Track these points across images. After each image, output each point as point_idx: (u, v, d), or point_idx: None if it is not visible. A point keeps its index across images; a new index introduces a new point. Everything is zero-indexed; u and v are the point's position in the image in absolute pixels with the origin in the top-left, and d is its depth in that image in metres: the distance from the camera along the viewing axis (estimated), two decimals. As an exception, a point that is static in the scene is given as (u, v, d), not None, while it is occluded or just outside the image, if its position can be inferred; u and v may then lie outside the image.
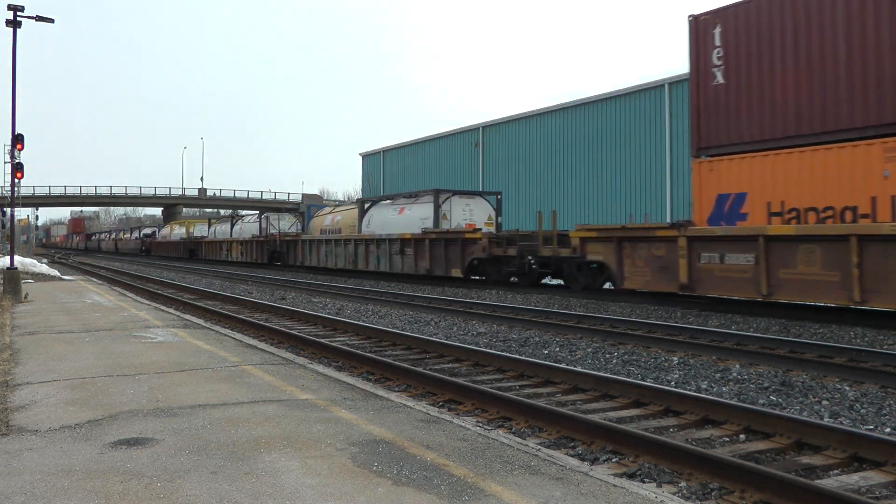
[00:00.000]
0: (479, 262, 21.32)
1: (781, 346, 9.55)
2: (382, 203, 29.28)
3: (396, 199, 28.23)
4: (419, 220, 24.88)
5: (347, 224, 31.02)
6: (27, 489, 3.85)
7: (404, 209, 26.43)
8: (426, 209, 25.06)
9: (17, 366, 7.71)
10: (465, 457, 4.43)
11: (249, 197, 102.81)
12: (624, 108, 33.12)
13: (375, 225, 27.83)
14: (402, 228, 25.20)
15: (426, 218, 24.65)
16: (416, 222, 24.96)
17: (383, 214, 27.82)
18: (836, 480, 4.51)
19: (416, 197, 26.62)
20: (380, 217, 27.96)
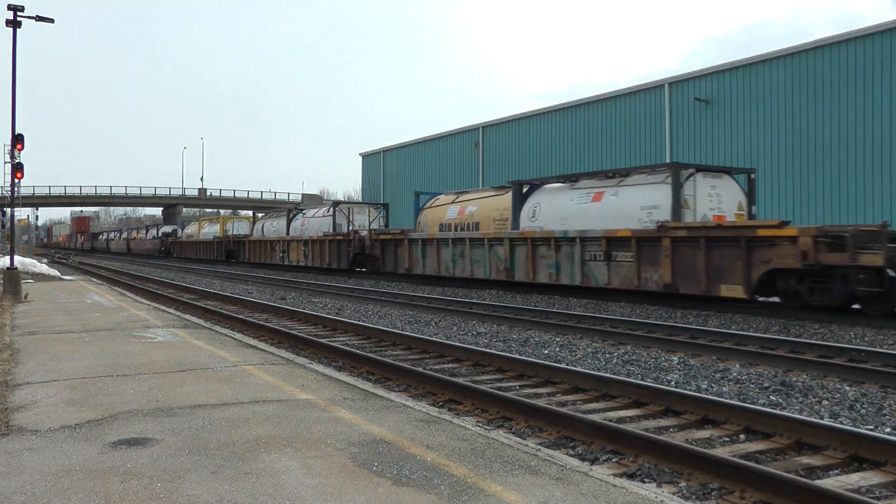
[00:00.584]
0: (783, 274, 12.89)
1: (781, 346, 9.55)
2: (553, 186, 20.20)
3: (578, 179, 19.43)
4: (638, 210, 16.79)
5: (490, 217, 22.56)
6: (27, 489, 3.85)
7: (604, 194, 18.00)
8: (653, 194, 16.70)
9: (17, 366, 7.71)
10: (465, 457, 4.43)
11: (249, 197, 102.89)
12: (624, 108, 33.13)
13: (546, 217, 19.20)
14: (604, 222, 17.14)
15: (654, 206, 16.48)
16: (630, 212, 16.89)
17: (560, 202, 19.14)
18: (836, 480, 4.50)
19: (624, 176, 18.10)
20: (554, 205, 19.22)
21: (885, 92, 23.52)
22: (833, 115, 25.05)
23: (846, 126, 24.57)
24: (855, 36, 24.57)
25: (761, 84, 27.42)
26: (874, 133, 23.66)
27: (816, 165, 25.49)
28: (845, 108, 24.68)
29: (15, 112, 17.61)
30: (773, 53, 27.28)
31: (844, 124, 24.63)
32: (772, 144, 26.79)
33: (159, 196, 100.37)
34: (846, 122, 24.59)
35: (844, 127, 24.61)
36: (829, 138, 24.95)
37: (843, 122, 24.67)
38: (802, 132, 25.95)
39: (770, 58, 27.27)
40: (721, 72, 29.04)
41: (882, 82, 23.61)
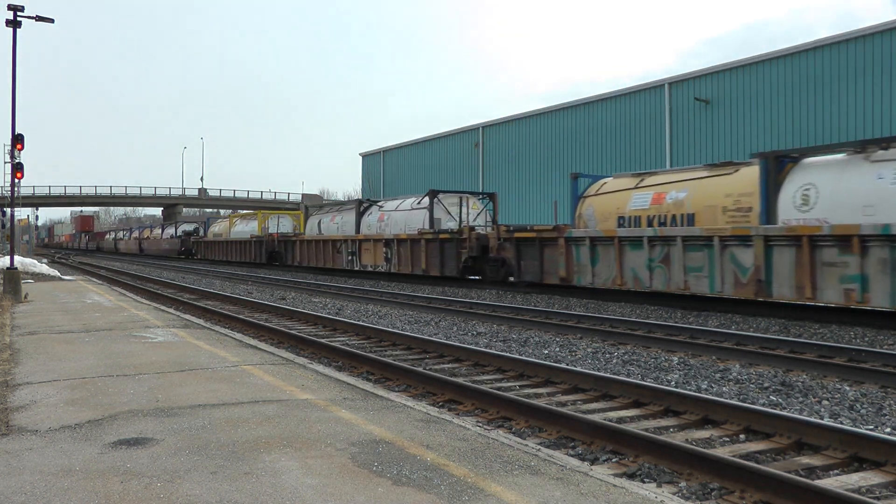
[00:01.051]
0: None
1: (781, 346, 9.55)
2: (833, 159, 13.14)
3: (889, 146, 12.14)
4: None
5: (714, 205, 14.90)
6: (27, 489, 3.85)
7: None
8: None
9: (17, 366, 7.71)
10: (465, 457, 4.43)
11: (249, 197, 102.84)
12: (624, 108, 33.13)
13: (831, 205, 12.45)
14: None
15: None
16: None
17: (856, 181, 12.21)
18: (835, 480, 4.50)
19: None
20: (845, 186, 12.36)
21: (885, 92, 23.52)
22: (833, 114, 25.05)
23: (846, 125, 24.56)
24: (855, 36, 24.58)
25: (761, 84, 27.42)
26: (874, 132, 23.65)
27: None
28: (845, 108, 24.68)
29: (15, 112, 17.61)
30: (773, 53, 27.29)
31: (844, 124, 24.63)
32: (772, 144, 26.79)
33: (159, 196, 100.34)
34: (846, 121, 24.59)
35: (844, 126, 24.61)
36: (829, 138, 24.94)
37: (843, 122, 24.67)
38: (802, 132, 25.95)
39: (770, 58, 27.27)
40: (721, 72, 29.04)
41: (882, 82, 23.61)
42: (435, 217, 24.70)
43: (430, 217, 24.69)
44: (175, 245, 54.71)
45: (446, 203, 25.07)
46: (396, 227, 26.24)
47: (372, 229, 28.03)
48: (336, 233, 30.73)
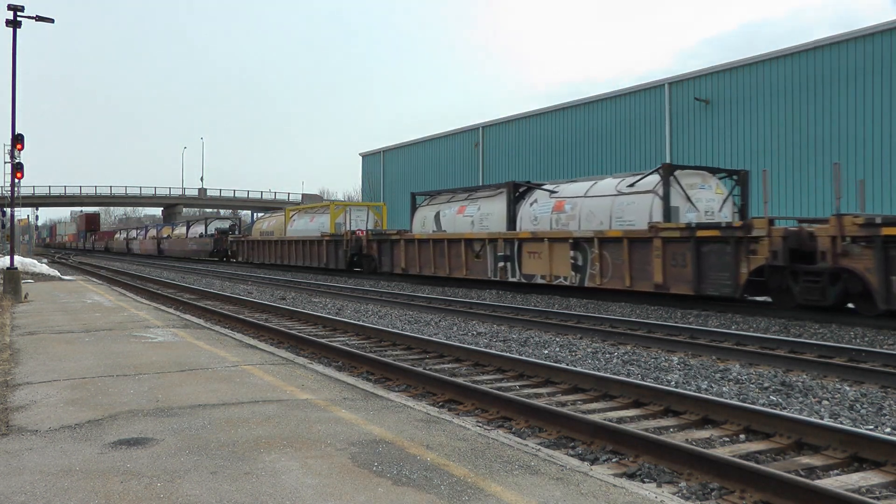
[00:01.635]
0: None
1: (781, 346, 9.55)
2: None
3: None
4: None
5: None
6: (27, 489, 3.85)
7: None
8: None
9: (17, 366, 7.71)
10: (465, 457, 4.43)
11: (249, 197, 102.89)
12: (624, 108, 33.13)
13: None
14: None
15: None
16: None
17: None
18: (835, 480, 4.50)
19: None
20: None
21: (884, 92, 23.52)
22: (833, 114, 25.05)
23: (846, 125, 24.57)
24: (855, 36, 24.57)
25: (761, 84, 27.42)
26: (874, 132, 23.66)
27: (816, 165, 25.46)
28: (845, 108, 24.68)
29: (15, 112, 17.62)
30: (773, 53, 27.29)
31: (844, 124, 24.63)
32: (772, 144, 26.79)
33: (159, 196, 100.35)
34: (846, 121, 24.59)
35: (844, 126, 24.61)
36: (830, 138, 24.95)
37: (844, 122, 24.67)
38: (802, 132, 25.95)
39: (770, 58, 27.27)
40: (721, 72, 29.04)
41: (882, 82, 23.61)
42: (672, 205, 16.15)
43: (665, 206, 16.02)
44: (205, 245, 47.27)
45: (685, 184, 16.42)
46: (591, 221, 17.74)
47: (540, 224, 19.26)
48: (470, 229, 21.77)
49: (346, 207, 33.31)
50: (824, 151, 25.16)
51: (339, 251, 28.80)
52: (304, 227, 34.83)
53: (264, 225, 41.35)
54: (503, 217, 20.71)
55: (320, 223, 33.57)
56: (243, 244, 40.60)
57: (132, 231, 77.27)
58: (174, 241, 56.11)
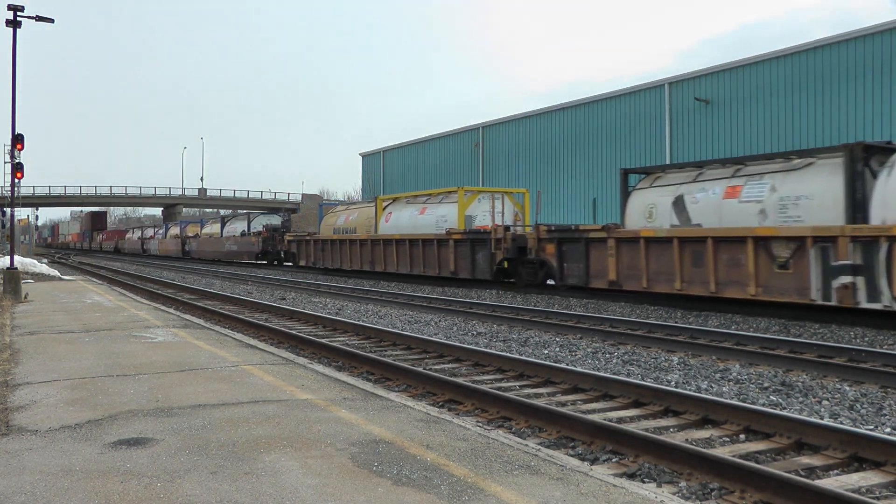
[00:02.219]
0: None
1: (781, 346, 9.55)
2: None
3: None
4: None
5: None
6: (27, 489, 3.85)
7: None
8: None
9: (17, 366, 7.71)
10: (465, 457, 4.43)
11: (249, 197, 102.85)
12: (624, 108, 33.13)
13: None
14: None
15: None
16: None
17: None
18: (836, 480, 4.50)
19: None
20: None
21: (884, 92, 23.52)
22: (833, 114, 25.05)
23: (846, 125, 24.57)
24: (854, 36, 24.58)
25: (761, 84, 27.42)
26: (874, 132, 23.65)
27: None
28: (845, 108, 24.68)
29: (15, 112, 17.61)
30: (772, 53, 27.29)
31: (844, 124, 24.63)
32: (772, 144, 26.79)
33: (159, 196, 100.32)
34: (846, 121, 24.59)
35: (844, 126, 24.61)
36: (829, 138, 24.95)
37: (843, 122, 24.67)
38: (802, 131, 25.95)
39: (770, 57, 27.27)
40: (721, 72, 29.05)
41: (882, 82, 23.61)
42: None
43: None
44: (249, 246, 39.65)
45: None
46: None
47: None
48: (757, 221, 13.48)
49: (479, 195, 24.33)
50: (824, 151, 25.13)
51: (478, 255, 20.45)
52: (409, 222, 25.62)
53: (340, 220, 31.77)
54: (830, 200, 12.39)
55: (439, 216, 24.36)
56: (309, 245, 31.39)
57: (148, 230, 67.98)
58: (205, 242, 47.95)
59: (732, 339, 10.20)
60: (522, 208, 24.66)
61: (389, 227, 26.49)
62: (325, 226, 33.66)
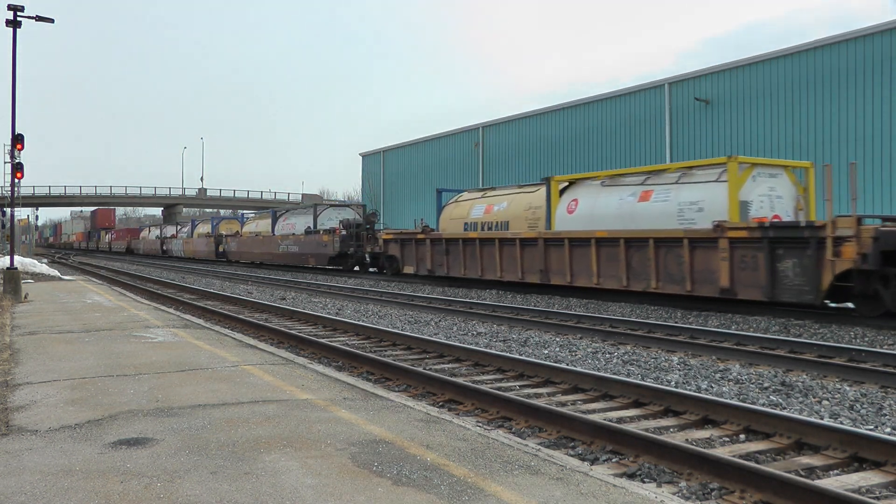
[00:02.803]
0: None
1: (781, 346, 9.55)
2: None
3: None
4: None
5: None
6: (27, 489, 3.85)
7: None
8: None
9: (17, 366, 7.71)
10: (465, 457, 4.43)
11: (249, 197, 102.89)
12: (624, 108, 33.12)
13: None
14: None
15: None
16: None
17: None
18: (836, 480, 4.50)
19: None
20: None
21: (884, 92, 23.52)
22: (833, 114, 25.05)
23: (846, 125, 24.57)
24: (854, 36, 24.57)
25: (761, 84, 27.41)
26: (874, 132, 23.66)
27: (816, 164, 25.45)
28: (845, 108, 24.68)
29: (15, 112, 17.61)
30: (772, 53, 27.28)
31: (844, 124, 24.63)
32: (772, 144, 26.79)
33: (159, 196, 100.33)
34: (846, 121, 24.59)
35: (844, 126, 24.61)
36: (829, 138, 24.95)
37: (843, 122, 24.67)
38: (802, 132, 25.95)
39: (770, 57, 27.27)
40: (721, 72, 29.03)
41: (882, 82, 23.61)
42: None
43: None
44: (318, 247, 30.81)
45: None
46: None
47: None
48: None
49: (755, 169, 15.19)
50: (824, 151, 25.15)
51: (785, 262, 12.54)
52: (618, 212, 17.16)
53: (475, 211, 23.25)
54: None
55: (682, 203, 15.73)
56: (422, 246, 23.04)
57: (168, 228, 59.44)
58: (249, 242, 39.23)
59: (732, 339, 10.20)
60: (805, 191, 16.19)
61: (577, 221, 18.15)
62: (447, 220, 24.57)
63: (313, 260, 32.18)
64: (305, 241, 32.92)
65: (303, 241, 33.18)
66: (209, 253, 45.16)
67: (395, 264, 25.28)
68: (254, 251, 39.17)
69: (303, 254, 33.07)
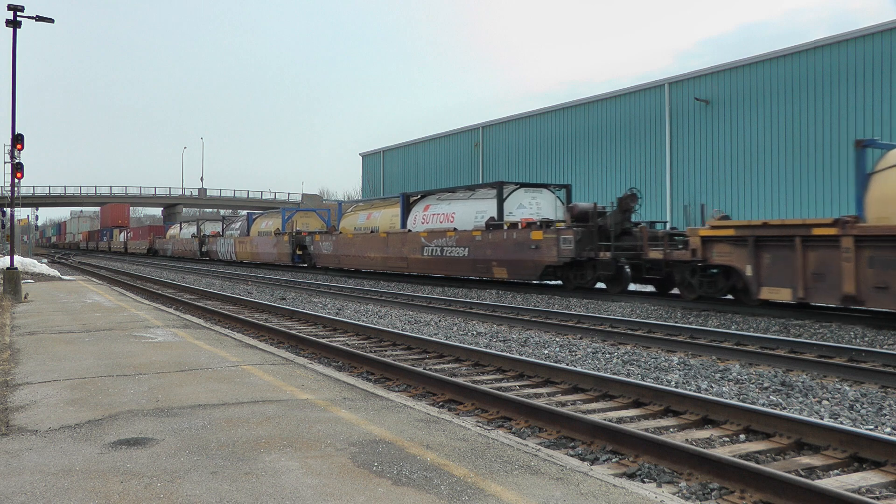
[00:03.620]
0: None
1: (781, 346, 9.55)
2: None
3: None
4: None
5: None
6: (27, 489, 3.85)
7: None
8: None
9: (17, 366, 7.71)
10: (465, 457, 4.43)
11: (249, 197, 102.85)
12: (624, 108, 33.13)
13: None
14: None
15: None
16: None
17: None
18: (836, 480, 4.50)
19: None
20: None
21: (884, 92, 23.53)
22: (832, 114, 25.05)
23: (846, 125, 24.57)
24: (854, 36, 24.58)
25: (761, 84, 27.42)
26: (874, 133, 23.66)
27: (816, 165, 25.47)
28: (845, 108, 24.68)
29: (15, 112, 17.61)
30: (772, 53, 27.29)
31: (844, 124, 24.63)
32: (771, 144, 26.80)
33: (159, 196, 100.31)
34: (846, 121, 24.60)
35: (844, 126, 24.61)
36: (829, 138, 24.96)
37: (843, 122, 24.67)
38: (802, 132, 25.96)
39: (770, 58, 27.28)
40: (721, 72, 29.04)
41: (881, 82, 23.61)
42: None
43: None
44: (522, 250, 19.15)
45: None
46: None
47: None
48: None
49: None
50: (823, 151, 25.16)
51: None
52: None
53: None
54: None
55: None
56: None
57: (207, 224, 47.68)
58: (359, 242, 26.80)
59: (732, 339, 10.20)
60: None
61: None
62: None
63: (507, 271, 20.05)
64: (488, 239, 20.34)
65: (479, 241, 20.67)
66: (280, 256, 34.05)
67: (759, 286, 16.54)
68: (368, 255, 26.35)
69: (482, 260, 20.71)
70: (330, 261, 30.20)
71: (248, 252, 38.42)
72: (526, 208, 21.73)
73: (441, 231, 22.68)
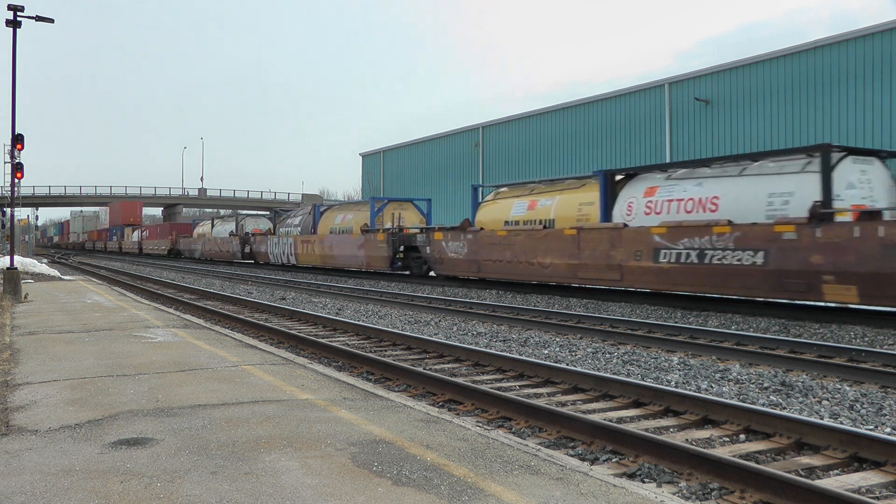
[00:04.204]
0: None
1: (781, 346, 9.55)
2: None
3: None
4: None
5: None
6: (27, 489, 3.85)
7: None
8: None
9: (17, 366, 7.71)
10: (465, 457, 4.43)
11: (249, 197, 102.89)
12: (624, 108, 33.12)
13: None
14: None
15: None
16: None
17: None
18: (836, 480, 4.50)
19: None
20: None
21: (884, 92, 23.52)
22: (833, 114, 25.04)
23: (846, 125, 24.57)
24: (854, 36, 24.57)
25: (761, 84, 27.41)
26: (874, 133, 23.66)
27: None
28: (845, 108, 24.68)
29: (15, 112, 17.61)
30: (772, 53, 27.28)
31: (844, 124, 24.63)
32: (771, 144, 26.78)
33: (159, 196, 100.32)
34: (846, 121, 24.59)
35: (844, 126, 24.61)
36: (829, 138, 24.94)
37: (843, 122, 24.67)
38: (802, 132, 25.94)
39: (770, 57, 27.26)
40: (721, 72, 29.03)
41: (881, 82, 23.61)
42: None
43: None
44: None
45: None
46: None
47: None
48: None
49: None
50: (824, 151, 25.12)
51: None
52: None
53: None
54: None
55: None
56: None
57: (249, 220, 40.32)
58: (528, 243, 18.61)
59: (732, 339, 10.20)
60: None
61: None
62: None
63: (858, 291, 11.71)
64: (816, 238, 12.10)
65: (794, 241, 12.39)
66: (371, 260, 26.45)
67: None
68: (538, 260, 18.40)
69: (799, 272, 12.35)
70: (462, 268, 21.98)
71: (318, 255, 30.49)
72: (857, 188, 13.41)
73: (697, 225, 14.28)
